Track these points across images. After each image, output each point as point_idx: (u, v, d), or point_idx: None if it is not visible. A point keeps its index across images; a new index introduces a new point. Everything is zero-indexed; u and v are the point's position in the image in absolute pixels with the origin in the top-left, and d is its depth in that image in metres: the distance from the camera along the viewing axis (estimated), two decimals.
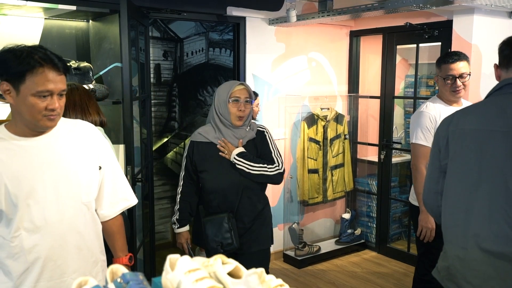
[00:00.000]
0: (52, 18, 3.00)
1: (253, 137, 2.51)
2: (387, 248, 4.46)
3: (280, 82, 4.23)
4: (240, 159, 2.40)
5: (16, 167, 1.56)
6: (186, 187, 2.53)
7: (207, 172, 2.46)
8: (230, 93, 2.40)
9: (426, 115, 2.77)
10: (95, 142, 1.78)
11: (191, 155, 2.49)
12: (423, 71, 4.65)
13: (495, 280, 1.64)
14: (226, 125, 2.45)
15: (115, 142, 2.99)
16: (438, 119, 2.70)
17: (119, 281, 0.93)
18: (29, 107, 1.52)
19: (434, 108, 2.78)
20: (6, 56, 1.51)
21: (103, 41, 3.03)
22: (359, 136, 4.78)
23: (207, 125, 2.52)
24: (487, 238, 1.64)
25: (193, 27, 4.81)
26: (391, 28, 4.17)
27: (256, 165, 2.42)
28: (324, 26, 4.39)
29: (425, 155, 2.67)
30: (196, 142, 2.49)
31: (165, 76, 4.70)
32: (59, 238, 1.63)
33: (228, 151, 2.42)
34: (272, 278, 1.12)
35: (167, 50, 4.68)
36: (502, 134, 1.64)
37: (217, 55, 4.87)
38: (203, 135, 2.48)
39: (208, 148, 2.46)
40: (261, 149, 2.51)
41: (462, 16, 3.52)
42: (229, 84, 2.46)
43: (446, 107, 2.77)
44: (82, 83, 2.79)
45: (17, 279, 1.59)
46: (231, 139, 2.45)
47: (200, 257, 1.13)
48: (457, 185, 1.77)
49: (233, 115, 2.41)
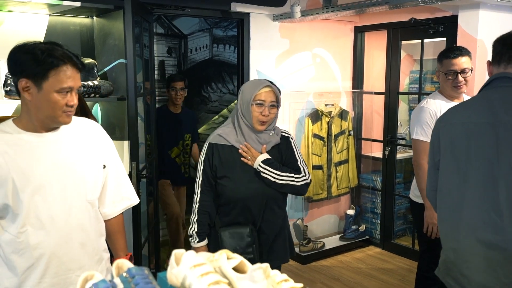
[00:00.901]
0: (56, 14, 3.01)
1: (277, 143, 2.28)
2: (392, 244, 4.45)
3: (284, 78, 4.22)
4: (266, 166, 2.18)
5: (23, 162, 1.57)
6: (205, 195, 2.23)
7: (228, 178, 2.20)
8: (255, 95, 2.16)
9: (426, 111, 2.76)
10: (100, 140, 1.79)
11: (210, 158, 2.21)
12: (428, 66, 4.63)
13: (488, 272, 1.67)
14: (249, 128, 2.21)
15: (120, 138, 3.00)
16: (438, 114, 2.69)
17: (125, 275, 0.94)
18: (51, 103, 1.56)
19: (434, 104, 2.77)
20: (25, 54, 1.54)
21: (108, 38, 3.04)
22: (363, 132, 4.78)
23: (228, 126, 2.27)
24: (477, 227, 1.67)
25: (197, 24, 4.81)
26: (396, 23, 4.15)
27: (283, 174, 2.19)
28: (328, 21, 4.38)
29: (426, 150, 2.64)
30: (215, 144, 2.22)
31: (169, 73, 4.70)
32: (64, 235, 1.64)
33: (251, 157, 2.19)
34: (277, 273, 1.12)
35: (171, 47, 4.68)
36: (489, 125, 1.68)
37: (221, 51, 4.88)
38: (223, 137, 2.22)
39: (229, 152, 2.21)
40: (286, 157, 2.29)
41: (468, 11, 3.50)
42: (255, 84, 2.21)
43: (447, 103, 2.75)
44: (87, 80, 2.80)
45: (22, 275, 1.60)
46: (254, 143, 2.22)
47: (205, 252, 1.14)
48: (448, 179, 1.80)
49: (255, 118, 2.17)
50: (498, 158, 1.65)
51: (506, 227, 1.61)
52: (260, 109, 2.16)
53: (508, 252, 1.61)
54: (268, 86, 2.19)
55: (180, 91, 3.88)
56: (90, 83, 2.75)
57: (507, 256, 1.61)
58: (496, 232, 1.63)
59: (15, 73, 1.56)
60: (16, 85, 1.57)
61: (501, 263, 1.63)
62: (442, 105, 2.74)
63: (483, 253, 1.66)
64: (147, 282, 0.91)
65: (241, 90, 2.24)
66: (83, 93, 2.69)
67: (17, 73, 1.55)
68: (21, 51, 1.55)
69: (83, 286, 0.93)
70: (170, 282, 1.02)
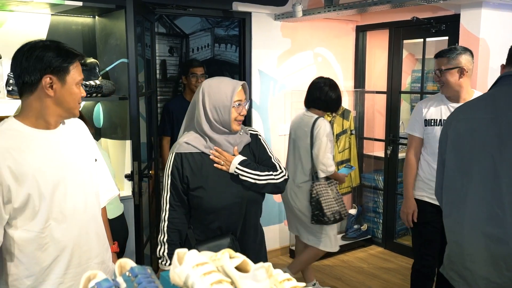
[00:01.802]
0: (58, 14, 3.01)
1: (249, 141, 2.14)
2: (394, 244, 4.45)
3: (286, 78, 4.22)
4: (243, 168, 2.01)
5: (39, 159, 1.61)
6: (175, 211, 2.00)
7: (203, 189, 2.00)
8: (234, 96, 2.00)
9: (418, 106, 2.91)
10: (89, 135, 1.90)
11: (179, 169, 1.99)
12: (430, 65, 4.62)
13: (491, 266, 1.68)
14: (218, 132, 2.03)
15: (122, 138, 3.00)
16: (424, 111, 2.82)
17: (128, 274, 0.94)
18: (73, 96, 1.65)
19: (426, 101, 2.88)
20: (47, 51, 1.59)
21: (109, 37, 3.04)
22: (365, 132, 4.77)
23: (190, 133, 2.06)
24: (481, 221, 1.70)
25: (198, 23, 4.80)
26: (398, 22, 4.14)
27: (262, 173, 2.05)
28: (330, 21, 4.37)
29: (411, 143, 2.90)
30: (184, 153, 2.00)
31: (171, 72, 4.70)
32: (83, 226, 1.72)
33: (225, 162, 2.02)
34: (280, 272, 1.12)
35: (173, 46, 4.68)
36: (491, 120, 1.73)
37: (223, 50, 4.87)
38: (191, 144, 2.01)
39: (200, 160, 2.01)
40: (258, 155, 2.15)
41: (470, 10, 3.49)
42: (229, 85, 2.02)
43: (440, 102, 2.80)
44: (89, 79, 2.80)
45: (46, 269, 1.64)
46: (225, 147, 2.04)
47: (208, 251, 1.14)
48: (453, 174, 1.84)
49: (233, 119, 2.01)
50: (501, 153, 1.67)
51: (509, 221, 1.63)
52: (239, 109, 2.02)
53: (511, 245, 1.62)
54: (241, 84, 2.05)
55: (201, 78, 3.72)
56: (92, 83, 2.75)
57: (509, 249, 1.62)
58: (499, 226, 1.65)
59: (35, 70, 1.57)
60: (28, 83, 1.58)
61: (504, 256, 1.65)
62: (434, 104, 2.81)
63: (486, 247, 1.68)
64: (149, 281, 0.91)
65: (206, 95, 2.00)
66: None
67: (39, 71, 1.57)
68: (40, 49, 1.59)
69: (86, 285, 0.93)
70: (172, 281, 1.02)
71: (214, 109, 2.00)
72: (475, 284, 1.75)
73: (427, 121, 2.79)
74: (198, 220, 2.06)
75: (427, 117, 2.79)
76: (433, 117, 2.78)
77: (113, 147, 3.09)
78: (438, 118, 2.76)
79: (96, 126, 3.21)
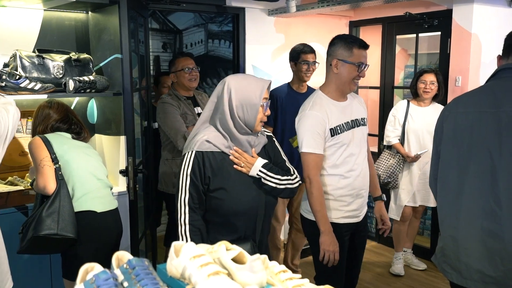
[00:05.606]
0: (51, 9, 2.99)
1: (265, 143, 2.05)
2: (387, 238, 4.47)
3: (280, 73, 4.23)
4: (267, 172, 1.93)
5: None
6: (195, 213, 1.88)
7: (225, 190, 1.89)
8: (263, 94, 1.90)
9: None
10: None
11: (201, 169, 1.87)
12: (423, 61, 4.64)
13: (486, 260, 1.70)
14: (240, 131, 1.92)
15: (116, 133, 3.00)
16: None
17: (125, 267, 0.95)
18: None
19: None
20: None
21: (103, 33, 3.02)
22: None
23: (209, 130, 1.93)
24: (477, 216, 1.71)
25: (192, 19, 4.80)
26: (391, 18, 4.16)
27: (282, 178, 1.97)
28: (323, 16, 4.38)
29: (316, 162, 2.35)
30: (205, 152, 1.88)
31: (165, 68, 4.70)
32: None
33: (246, 163, 1.92)
34: (275, 264, 1.13)
35: (166, 42, 4.67)
36: (491, 114, 1.71)
37: (216, 46, 4.87)
38: (212, 143, 1.89)
39: (221, 160, 1.90)
40: (274, 158, 2.06)
41: (462, 5, 3.51)
42: (259, 83, 1.91)
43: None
44: (82, 75, 2.79)
45: None
46: (245, 147, 1.94)
47: (204, 244, 1.14)
48: (449, 167, 1.83)
49: (258, 120, 1.92)
50: (499, 148, 1.67)
51: (505, 217, 1.64)
52: (265, 109, 1.93)
53: (506, 241, 1.64)
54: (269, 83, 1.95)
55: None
56: (86, 79, 2.74)
57: (505, 245, 1.64)
58: (495, 222, 1.66)
59: None
60: None
61: (499, 251, 1.66)
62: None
63: (482, 241, 1.69)
64: (147, 273, 0.92)
65: (233, 91, 1.88)
66: (78, 88, 2.68)
67: None
68: None
69: (84, 277, 0.93)
70: (170, 273, 1.03)
71: (240, 106, 1.88)
72: (469, 277, 1.76)
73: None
74: (213, 224, 1.95)
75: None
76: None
77: (108, 143, 3.09)
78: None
79: (90, 122, 3.21)
